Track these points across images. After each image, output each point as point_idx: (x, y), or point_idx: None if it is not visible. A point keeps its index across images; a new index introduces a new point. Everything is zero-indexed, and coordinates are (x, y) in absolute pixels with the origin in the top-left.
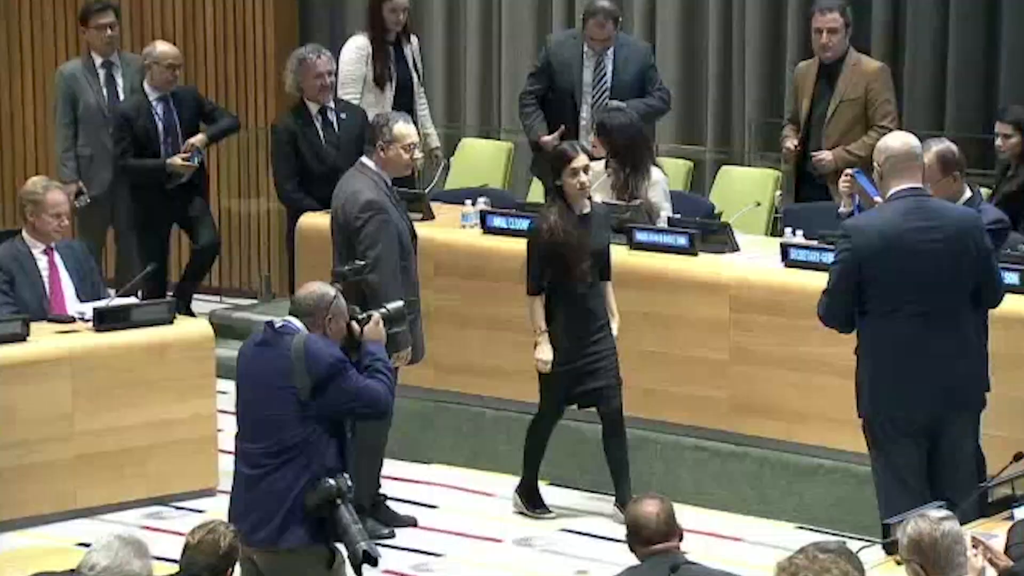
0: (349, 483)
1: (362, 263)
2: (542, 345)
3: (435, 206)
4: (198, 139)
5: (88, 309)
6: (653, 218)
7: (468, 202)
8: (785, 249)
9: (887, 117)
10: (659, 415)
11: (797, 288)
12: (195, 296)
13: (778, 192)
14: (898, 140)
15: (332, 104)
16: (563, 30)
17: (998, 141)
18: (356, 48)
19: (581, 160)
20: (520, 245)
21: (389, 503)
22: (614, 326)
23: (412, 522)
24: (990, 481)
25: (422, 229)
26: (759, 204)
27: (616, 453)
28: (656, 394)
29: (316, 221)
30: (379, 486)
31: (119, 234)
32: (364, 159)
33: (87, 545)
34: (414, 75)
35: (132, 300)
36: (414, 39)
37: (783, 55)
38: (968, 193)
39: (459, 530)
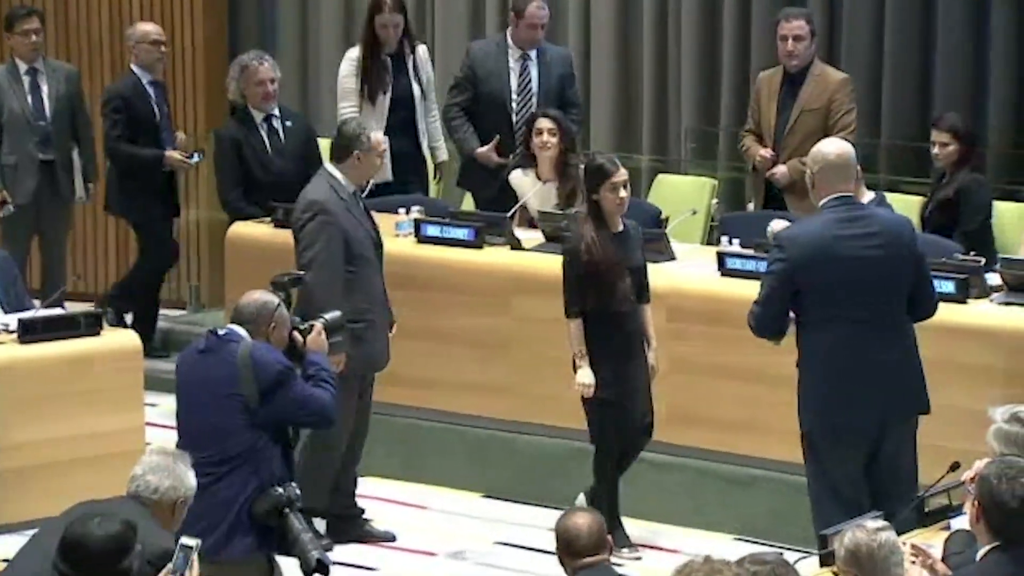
0: (297, 491)
1: (301, 272)
2: (583, 369)
3: None
4: (181, 139)
5: (12, 320)
6: None
7: (402, 211)
8: (721, 258)
9: (846, 129)
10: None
11: (734, 297)
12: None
13: (714, 200)
14: (833, 147)
15: (277, 112)
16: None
17: (934, 150)
18: (350, 61)
19: (621, 175)
20: (455, 254)
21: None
22: (651, 355)
23: (391, 537)
24: (927, 491)
25: None
26: (695, 212)
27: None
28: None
29: (248, 230)
30: (354, 501)
31: (44, 243)
32: (329, 165)
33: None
34: (416, 87)
35: (58, 311)
36: (421, 49)
37: (719, 62)
38: (870, 195)
39: (392, 544)
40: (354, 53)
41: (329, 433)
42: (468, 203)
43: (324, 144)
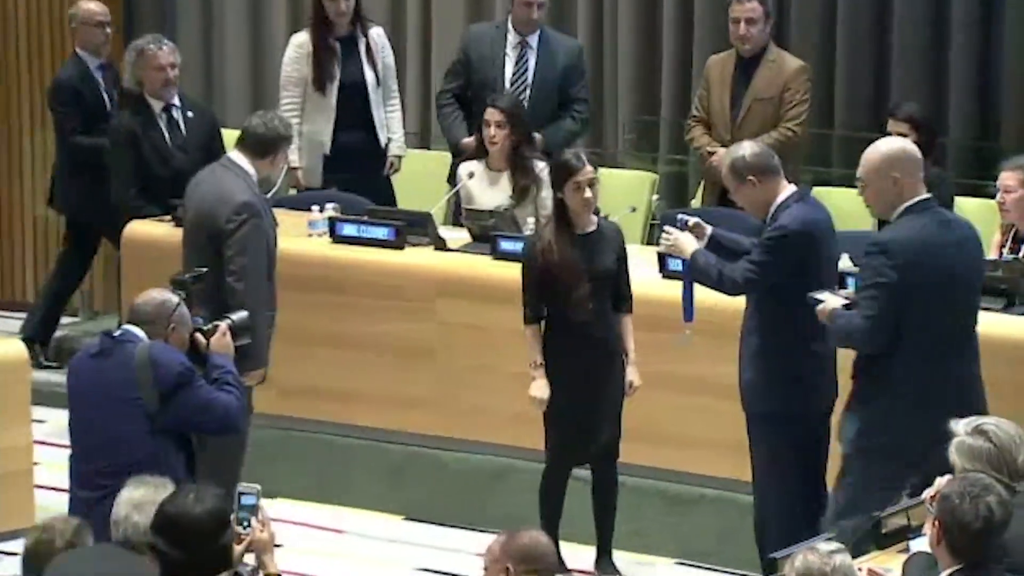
0: None
1: (203, 269)
2: (537, 381)
3: (279, 213)
4: None
5: None
6: (520, 224)
7: (316, 208)
8: (663, 259)
9: (794, 120)
10: (525, 442)
11: (676, 301)
12: (0, 314)
13: (655, 196)
14: (898, 143)
15: (178, 102)
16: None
17: None
18: (296, 47)
19: (586, 173)
20: (374, 255)
21: None
22: (631, 373)
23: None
24: (885, 510)
25: None
26: (634, 209)
27: (606, 501)
28: (524, 418)
29: (145, 230)
30: None
31: None
32: (235, 156)
33: None
34: (369, 74)
35: None
36: (375, 32)
37: (659, 46)
38: (790, 189)
39: (306, 570)
40: (300, 38)
41: (226, 443)
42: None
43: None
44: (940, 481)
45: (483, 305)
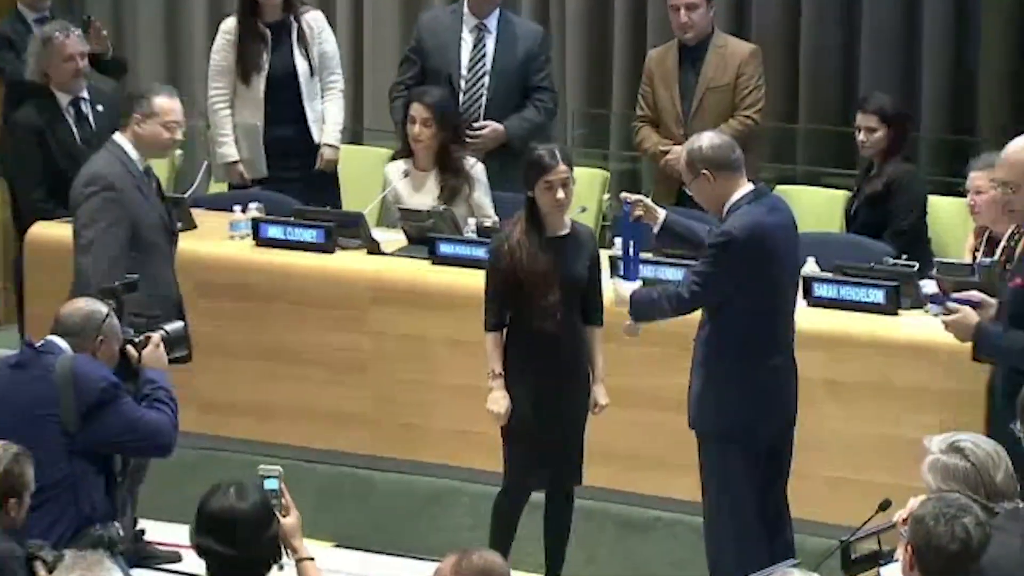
0: (120, 532)
1: (135, 276)
2: (495, 393)
3: (197, 213)
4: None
5: None
6: (460, 226)
7: (238, 208)
8: (615, 264)
9: (753, 107)
10: (467, 462)
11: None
12: None
13: (606, 195)
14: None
15: (86, 94)
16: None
17: (860, 136)
18: (224, 33)
19: (560, 172)
20: (301, 260)
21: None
22: (597, 388)
23: (176, 558)
24: (852, 534)
25: (182, 240)
26: (584, 210)
27: (560, 526)
28: (465, 436)
29: (51, 232)
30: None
31: None
32: (116, 135)
33: None
34: (301, 63)
35: None
36: (310, 17)
37: (610, 36)
38: (739, 194)
39: None
40: (228, 24)
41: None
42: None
43: None
44: (913, 502)
45: (420, 313)
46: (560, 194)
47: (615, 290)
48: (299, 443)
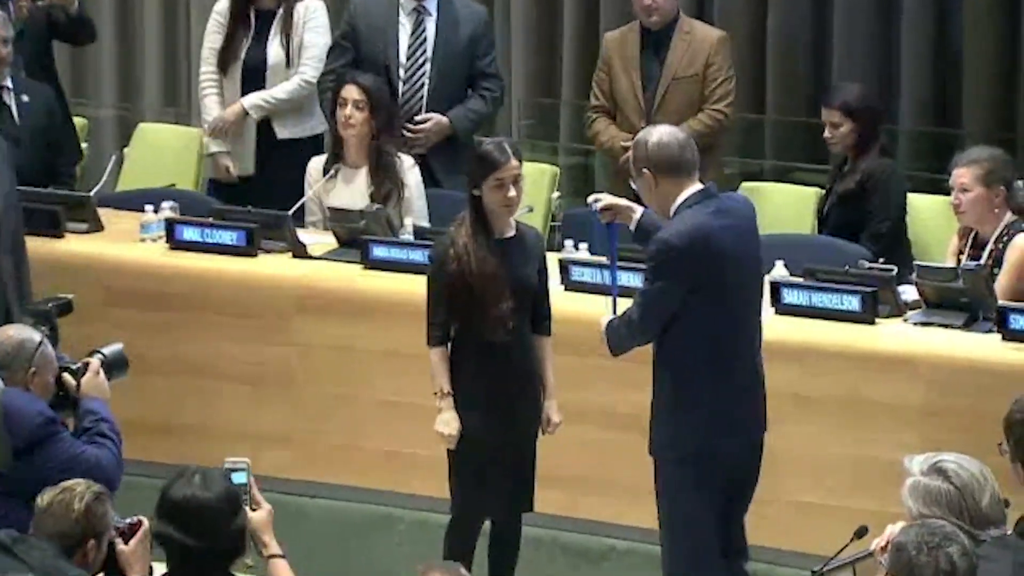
0: None
1: (69, 296)
2: (444, 414)
3: (105, 214)
4: None
5: None
6: (395, 227)
7: (149, 208)
8: (565, 267)
9: (724, 100)
10: (403, 486)
11: (580, 317)
12: None
13: (555, 193)
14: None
15: (10, 84)
16: None
17: (826, 132)
18: (216, 15)
19: (511, 168)
20: (220, 264)
21: None
22: (549, 405)
23: None
24: (827, 563)
25: (87, 243)
26: (531, 209)
27: (507, 556)
28: (402, 458)
29: None
30: None
31: None
32: None
33: None
34: (273, 53)
35: None
36: (305, 5)
37: (559, 18)
38: (685, 194)
39: None
40: (221, 5)
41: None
42: None
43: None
44: (892, 529)
45: (351, 323)
46: (511, 192)
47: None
48: (218, 466)
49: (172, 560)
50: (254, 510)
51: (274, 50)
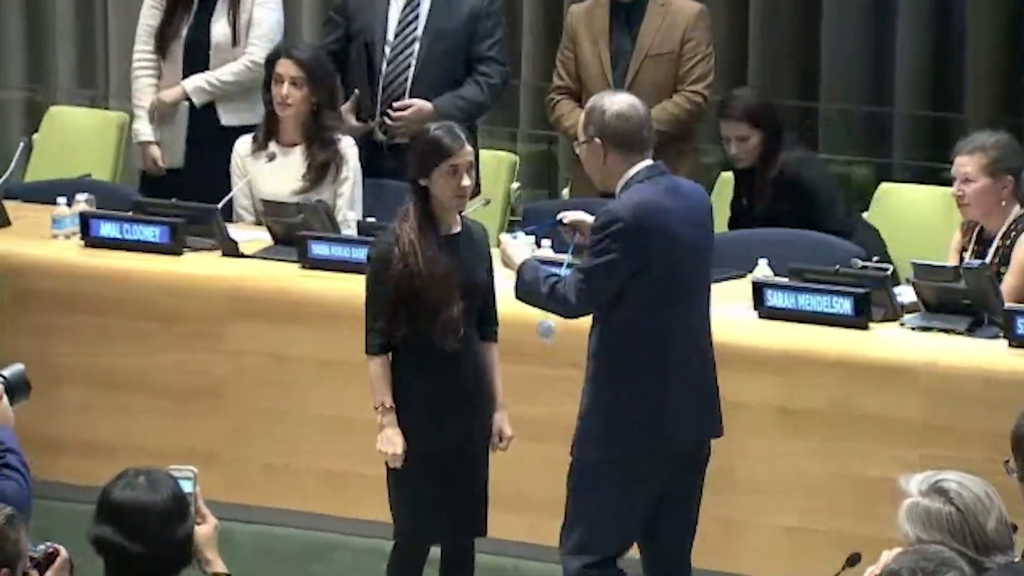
0: None
1: None
2: (387, 430)
3: (12, 207)
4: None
5: None
6: (335, 221)
7: (62, 200)
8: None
9: (703, 80)
10: (346, 510)
11: (534, 322)
12: None
13: (515, 184)
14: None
15: None
16: None
17: (732, 148)
18: None
19: (465, 155)
20: (141, 264)
21: None
22: (498, 416)
23: None
24: None
25: None
26: (488, 202)
27: None
28: (343, 479)
29: None
30: None
31: None
32: None
33: None
34: (219, 31)
35: None
36: None
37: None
38: (633, 171)
39: None
40: None
41: None
42: None
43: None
44: (886, 555)
45: (288, 328)
46: (465, 181)
47: (504, 248)
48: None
49: (112, 568)
50: (198, 523)
51: (219, 27)
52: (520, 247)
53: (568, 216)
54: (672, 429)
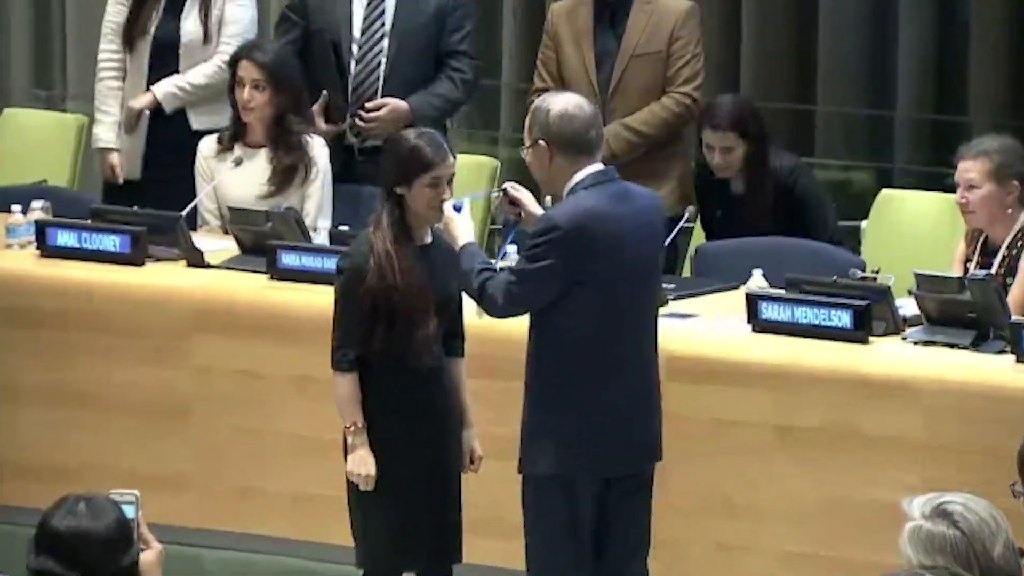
0: None
1: None
2: (359, 452)
3: None
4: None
5: None
6: (305, 228)
7: (16, 208)
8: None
9: (693, 81)
10: (318, 535)
11: (507, 337)
12: None
13: (495, 192)
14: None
15: None
16: None
17: (716, 158)
18: None
19: (448, 167)
20: (101, 274)
21: None
22: (468, 435)
23: None
24: None
25: None
26: (500, 193)
27: None
28: (315, 502)
29: None
30: None
31: None
32: None
33: None
34: (189, 28)
35: None
36: None
37: None
38: (580, 175)
39: None
40: None
41: None
42: None
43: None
44: None
45: (256, 343)
46: (446, 194)
47: (448, 224)
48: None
49: None
50: (142, 550)
51: (190, 25)
52: (464, 225)
53: (512, 190)
54: (609, 454)
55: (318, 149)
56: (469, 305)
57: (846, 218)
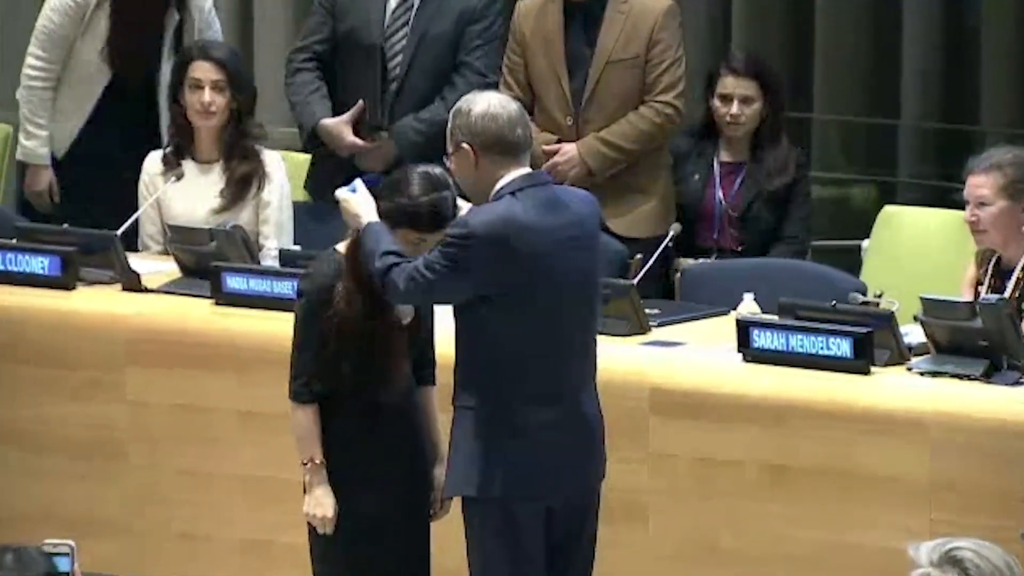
0: None
1: None
2: (317, 491)
3: None
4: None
5: None
6: (253, 247)
7: None
8: None
9: (674, 89)
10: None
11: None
12: None
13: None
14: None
15: None
16: None
17: (733, 107)
18: None
19: (437, 236)
20: (29, 300)
21: None
22: (439, 471)
23: None
24: None
25: None
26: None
27: None
28: (267, 548)
29: None
30: None
31: None
32: None
33: None
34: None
35: None
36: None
37: None
38: (507, 179)
39: None
40: None
41: None
42: None
43: None
44: None
45: (199, 375)
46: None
47: (344, 205)
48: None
49: None
50: None
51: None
52: (363, 203)
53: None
54: (545, 482)
55: (273, 163)
56: (440, 330)
57: (845, 237)
